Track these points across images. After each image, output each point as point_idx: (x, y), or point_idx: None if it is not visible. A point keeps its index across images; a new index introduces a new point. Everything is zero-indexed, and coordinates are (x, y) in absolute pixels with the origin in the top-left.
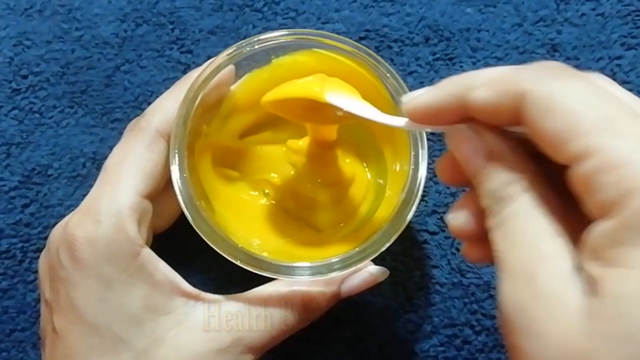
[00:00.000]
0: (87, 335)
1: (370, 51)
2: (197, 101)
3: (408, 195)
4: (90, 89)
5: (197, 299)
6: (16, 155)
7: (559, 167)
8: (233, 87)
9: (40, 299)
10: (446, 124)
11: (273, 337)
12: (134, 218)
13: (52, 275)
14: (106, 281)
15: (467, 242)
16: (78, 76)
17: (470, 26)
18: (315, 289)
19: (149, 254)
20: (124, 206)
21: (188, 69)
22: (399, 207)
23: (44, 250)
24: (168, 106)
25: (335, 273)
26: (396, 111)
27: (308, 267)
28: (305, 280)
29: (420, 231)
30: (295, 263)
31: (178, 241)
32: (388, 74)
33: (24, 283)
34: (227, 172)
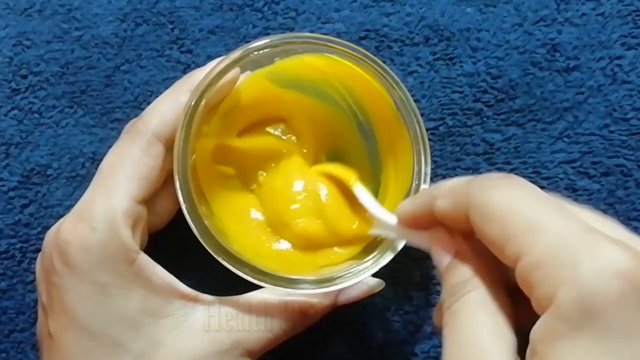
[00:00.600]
0: (83, 339)
1: (378, 60)
2: (201, 106)
3: None
4: (89, 89)
5: (196, 301)
6: (15, 155)
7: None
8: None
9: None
10: (427, 228)
11: (271, 341)
12: (129, 224)
13: (47, 280)
14: (102, 287)
15: None
16: (78, 76)
17: (470, 26)
18: (313, 297)
19: (145, 260)
20: (119, 212)
21: (188, 69)
22: None
23: (40, 253)
24: (166, 108)
25: (336, 287)
26: (399, 122)
27: (310, 281)
28: (307, 293)
29: None
30: (297, 276)
31: (173, 243)
32: (395, 86)
33: (23, 284)
34: (226, 172)
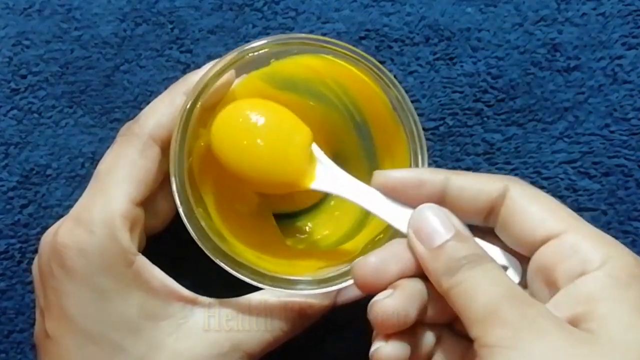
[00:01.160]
0: (82, 343)
1: (374, 60)
2: (197, 109)
3: None
4: (89, 89)
5: (195, 303)
6: (15, 155)
7: None
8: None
9: None
10: (422, 201)
11: (270, 343)
12: (126, 226)
13: (44, 283)
14: (100, 291)
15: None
16: (77, 76)
17: (470, 26)
18: (313, 298)
19: (143, 262)
20: (117, 215)
21: (188, 69)
22: None
23: (36, 256)
24: (162, 110)
25: (334, 287)
26: (396, 122)
27: (308, 282)
28: (306, 294)
29: None
30: (295, 277)
31: (173, 245)
32: (391, 85)
33: (23, 284)
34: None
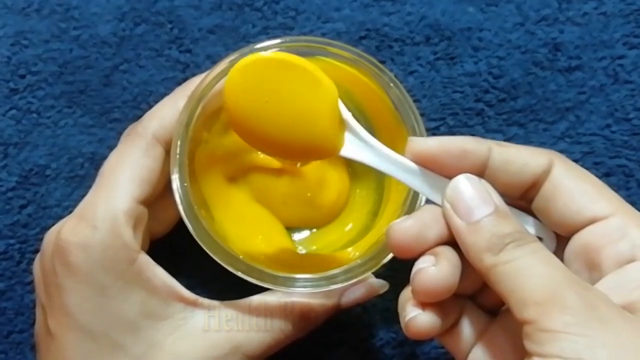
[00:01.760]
0: (83, 341)
1: (373, 59)
2: (199, 108)
3: (410, 207)
4: (88, 89)
5: (195, 305)
6: (14, 155)
7: None
8: None
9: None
10: (459, 173)
11: (270, 346)
12: (130, 224)
13: (46, 280)
14: (102, 287)
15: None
16: (76, 76)
17: (471, 25)
18: (314, 300)
19: (146, 260)
20: (120, 212)
21: (187, 69)
22: None
23: (38, 254)
24: (165, 112)
25: (336, 286)
26: (398, 121)
27: (309, 279)
28: (305, 292)
29: None
30: (296, 275)
31: (175, 246)
32: (391, 83)
33: (22, 284)
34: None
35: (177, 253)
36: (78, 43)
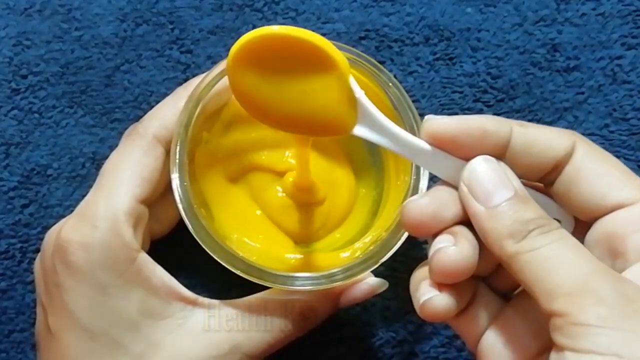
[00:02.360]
0: (83, 339)
1: (371, 59)
2: (199, 108)
3: None
4: (89, 89)
5: (195, 304)
6: (15, 155)
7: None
8: None
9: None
10: (476, 155)
11: (270, 345)
12: (130, 223)
13: (47, 279)
14: (101, 286)
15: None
16: (78, 76)
17: (470, 26)
18: (314, 299)
19: (145, 259)
20: (120, 211)
21: (188, 69)
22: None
23: (39, 253)
24: (166, 112)
25: (335, 284)
26: (397, 120)
27: (308, 278)
28: (305, 290)
29: None
30: (295, 273)
31: (175, 246)
32: (390, 83)
33: (23, 284)
34: (228, 180)
35: (177, 253)
36: (80, 43)
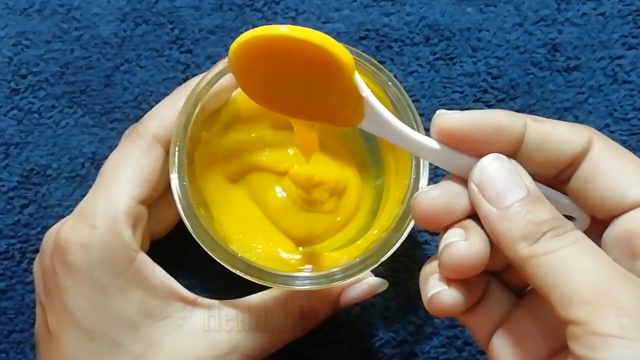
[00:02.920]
0: (82, 339)
1: (372, 59)
2: (198, 108)
3: (409, 205)
4: (89, 89)
5: (194, 304)
6: (15, 155)
7: None
8: (234, 94)
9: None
10: (489, 152)
11: (270, 345)
12: (129, 223)
13: (46, 279)
14: (101, 286)
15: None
16: (77, 76)
17: (470, 26)
18: (314, 299)
19: (145, 259)
20: (120, 211)
21: (188, 69)
22: (400, 217)
23: (39, 253)
24: (165, 112)
25: (335, 284)
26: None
27: (308, 277)
28: (305, 290)
29: (420, 232)
30: (295, 273)
31: (174, 246)
32: (390, 83)
33: (23, 284)
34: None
35: (177, 253)
36: (79, 43)
